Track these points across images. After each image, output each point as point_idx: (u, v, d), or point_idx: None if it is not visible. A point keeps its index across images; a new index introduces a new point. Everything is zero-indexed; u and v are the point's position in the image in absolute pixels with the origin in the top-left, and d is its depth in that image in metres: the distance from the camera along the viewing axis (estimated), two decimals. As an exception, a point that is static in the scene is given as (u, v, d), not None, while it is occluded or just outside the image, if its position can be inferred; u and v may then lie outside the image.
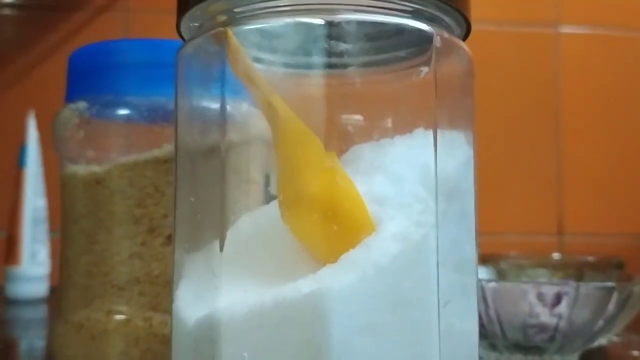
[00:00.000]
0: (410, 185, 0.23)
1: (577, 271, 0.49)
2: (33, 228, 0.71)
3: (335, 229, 0.22)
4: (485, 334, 0.40)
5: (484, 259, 0.50)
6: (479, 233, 0.24)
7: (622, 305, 0.39)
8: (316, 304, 0.20)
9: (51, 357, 0.34)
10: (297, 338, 0.20)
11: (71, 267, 0.34)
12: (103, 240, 0.33)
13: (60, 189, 0.35)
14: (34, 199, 0.72)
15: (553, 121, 0.91)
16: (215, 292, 0.22)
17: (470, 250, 0.24)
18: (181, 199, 0.24)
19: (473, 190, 0.24)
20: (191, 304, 0.23)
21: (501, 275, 0.49)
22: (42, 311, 0.65)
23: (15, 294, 0.68)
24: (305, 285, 0.21)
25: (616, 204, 0.91)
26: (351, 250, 0.21)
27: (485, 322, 0.39)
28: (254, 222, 0.24)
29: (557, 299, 0.39)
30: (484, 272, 0.42)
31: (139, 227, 0.32)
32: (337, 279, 0.21)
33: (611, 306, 0.38)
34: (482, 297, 0.39)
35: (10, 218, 0.70)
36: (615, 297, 0.38)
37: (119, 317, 0.32)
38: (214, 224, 0.22)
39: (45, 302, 0.67)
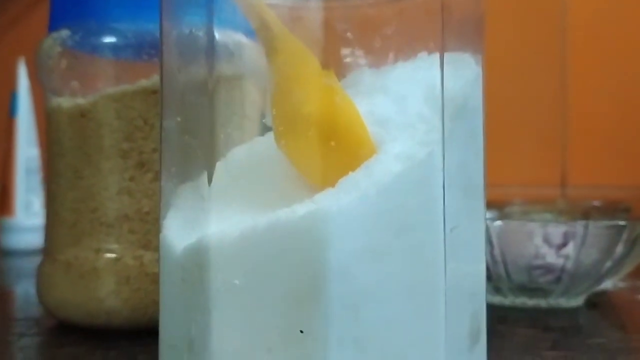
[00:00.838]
0: (415, 105, 0.21)
1: (583, 216, 0.48)
2: (26, 178, 0.69)
3: (333, 151, 0.21)
4: (489, 277, 0.39)
5: (488, 205, 0.49)
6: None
7: (631, 245, 0.37)
8: (313, 226, 0.19)
9: (39, 297, 0.33)
10: (292, 263, 0.19)
11: (58, 204, 0.32)
12: (90, 175, 0.31)
13: (45, 124, 0.33)
14: (27, 149, 0.70)
15: (559, 71, 0.89)
16: (205, 218, 0.20)
17: (479, 174, 0.22)
18: (168, 128, 0.23)
19: (482, 111, 0.23)
20: (179, 232, 0.21)
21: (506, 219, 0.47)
22: (37, 262, 0.64)
23: (9, 245, 0.66)
24: (301, 208, 0.19)
25: (621, 155, 0.89)
26: (350, 174, 0.20)
27: (489, 264, 0.38)
28: (248, 153, 0.22)
29: (564, 240, 0.37)
30: (488, 215, 0.40)
31: (127, 162, 0.31)
32: (335, 200, 0.19)
33: (620, 246, 0.37)
34: (487, 238, 0.38)
35: (2, 169, 0.69)
36: (624, 236, 0.37)
37: (108, 255, 0.31)
38: (203, 157, 0.21)
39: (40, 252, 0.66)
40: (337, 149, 0.21)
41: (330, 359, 0.18)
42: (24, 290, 0.46)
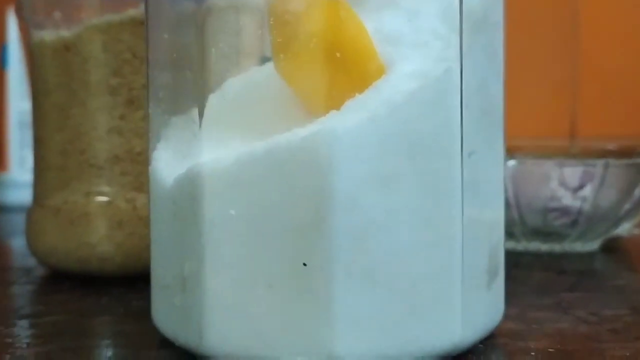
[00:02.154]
0: (429, 21, 0.19)
1: (600, 159, 0.45)
2: (20, 133, 0.67)
3: (338, 72, 0.18)
4: (501, 221, 0.37)
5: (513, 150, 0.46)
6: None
7: (651, 186, 0.35)
8: (316, 148, 0.17)
9: (29, 245, 0.31)
10: (294, 190, 0.17)
11: (44, 147, 0.30)
12: (77, 114, 0.29)
13: (29, 61, 0.31)
14: (19, 102, 0.68)
15: (570, 16, 0.86)
16: (197, 146, 0.18)
17: (499, 95, 0.20)
18: (155, 61, 0.21)
19: (502, 26, 0.20)
20: (170, 163, 0.20)
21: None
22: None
23: (4, 200, 0.65)
24: (303, 130, 0.17)
25: (634, 105, 0.86)
26: (358, 95, 0.18)
27: (501, 208, 0.36)
28: (245, 83, 0.20)
29: (582, 181, 0.35)
30: (513, 162, 0.38)
31: (116, 99, 0.29)
32: (341, 121, 0.17)
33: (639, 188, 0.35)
34: (499, 180, 0.36)
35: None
36: (645, 176, 0.35)
37: (99, 198, 0.29)
38: (194, 90, 0.18)
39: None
40: (341, 70, 0.19)
41: (335, 293, 0.17)
42: (18, 243, 0.45)
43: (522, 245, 0.37)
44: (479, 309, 0.19)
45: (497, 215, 0.20)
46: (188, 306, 0.19)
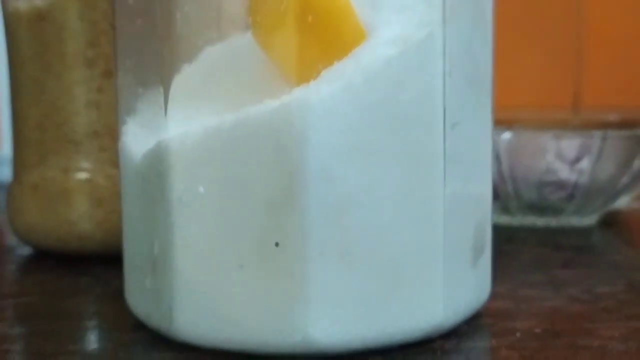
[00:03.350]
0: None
1: (600, 130, 0.44)
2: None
3: (314, 39, 0.17)
4: (496, 195, 0.36)
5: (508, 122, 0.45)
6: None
7: (651, 158, 0.34)
8: (287, 120, 0.16)
9: (10, 223, 0.30)
10: (265, 164, 0.16)
11: (21, 121, 0.29)
12: (53, 87, 0.28)
13: (4, 32, 0.30)
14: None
15: (571, -16, 0.83)
16: (165, 120, 0.17)
17: (486, 62, 0.19)
18: (123, 31, 0.19)
19: (490, -13, 0.19)
20: (140, 137, 0.19)
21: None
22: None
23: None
24: (274, 101, 0.16)
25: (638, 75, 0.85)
26: (336, 63, 0.17)
27: (496, 181, 0.35)
28: (223, 52, 0.19)
29: (579, 154, 0.34)
30: (507, 134, 0.37)
31: (93, 71, 0.28)
32: (315, 91, 0.16)
33: (638, 160, 0.34)
34: (494, 153, 0.35)
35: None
36: (644, 148, 0.34)
37: (78, 175, 0.28)
38: (163, 62, 0.17)
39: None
40: (318, 37, 0.17)
41: (310, 273, 0.16)
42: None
43: (517, 220, 0.36)
44: (463, 287, 0.18)
45: (483, 190, 0.19)
46: (158, 288, 0.18)
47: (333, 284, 0.16)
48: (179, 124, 0.17)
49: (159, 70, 0.17)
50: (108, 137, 0.28)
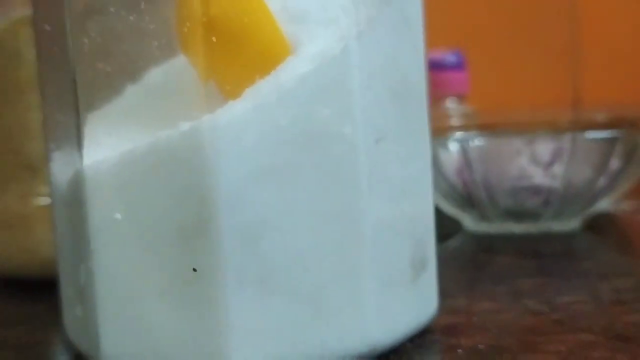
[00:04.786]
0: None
1: (570, 133, 0.43)
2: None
3: (241, 58, 0.17)
4: (472, 203, 0.35)
5: (478, 128, 0.44)
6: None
7: (627, 159, 0.34)
8: (196, 143, 0.15)
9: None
10: (177, 190, 0.16)
11: (-20, 149, 0.29)
12: (7, 113, 0.28)
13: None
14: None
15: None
16: (80, 148, 0.17)
17: (416, 72, 0.18)
18: (40, 54, 0.19)
19: (417, -4, 0.19)
20: (63, 165, 0.18)
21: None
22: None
23: None
24: (185, 124, 0.16)
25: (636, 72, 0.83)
26: (257, 81, 0.16)
27: (471, 188, 0.35)
28: (163, 70, 0.19)
29: (553, 158, 0.34)
30: (479, 140, 0.36)
31: (47, 96, 0.27)
32: (226, 112, 0.16)
33: (614, 161, 0.33)
34: (466, 160, 0.34)
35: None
36: (619, 149, 0.33)
37: (37, 200, 0.28)
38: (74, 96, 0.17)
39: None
40: (245, 57, 0.17)
41: (228, 301, 0.15)
42: None
43: (495, 227, 0.36)
44: (401, 306, 0.18)
45: (419, 205, 0.19)
46: (85, 317, 0.17)
47: (253, 311, 0.16)
48: (95, 151, 0.17)
49: (73, 98, 0.17)
50: (65, 161, 0.28)
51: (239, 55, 0.17)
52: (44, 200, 0.28)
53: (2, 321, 0.24)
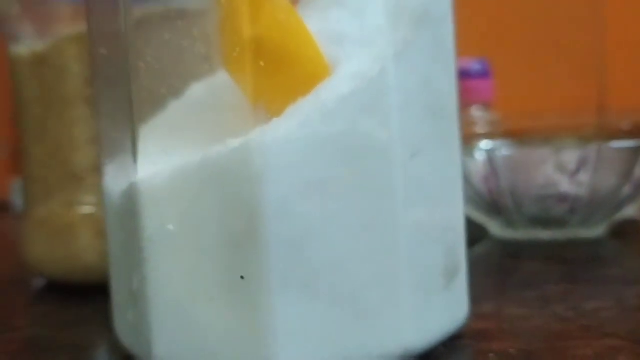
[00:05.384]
0: (374, 18, 0.18)
1: (596, 142, 0.44)
2: (38, 139, 0.69)
3: (285, 78, 0.18)
4: (498, 210, 0.36)
5: (505, 135, 0.45)
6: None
7: (652, 167, 0.34)
8: (245, 158, 0.16)
9: (22, 256, 0.32)
10: (227, 202, 0.17)
11: (27, 159, 0.31)
12: (55, 126, 0.29)
13: (10, 75, 0.31)
14: (35, 109, 0.69)
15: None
16: (135, 163, 0.18)
17: (448, 90, 0.19)
18: (96, 74, 0.20)
19: (450, 19, 0.20)
20: (117, 178, 0.19)
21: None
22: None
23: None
24: (235, 141, 0.17)
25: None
26: (299, 100, 0.17)
27: (497, 196, 0.35)
28: (206, 87, 0.20)
29: (578, 166, 0.34)
30: (506, 149, 0.37)
31: (92, 109, 0.29)
32: (273, 129, 0.17)
33: (639, 169, 0.34)
34: (492, 169, 0.35)
35: (12, 129, 0.68)
36: (644, 158, 0.33)
37: (82, 209, 0.29)
38: (128, 106, 0.18)
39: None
40: (286, 77, 0.18)
41: (274, 305, 0.17)
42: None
43: (522, 234, 0.36)
44: (435, 311, 0.19)
45: (451, 215, 0.20)
46: (138, 321, 0.19)
47: (298, 314, 0.17)
48: (149, 166, 0.18)
49: (128, 114, 0.18)
50: (108, 171, 0.29)
51: (283, 76, 0.18)
52: (88, 209, 0.29)
53: (52, 324, 0.26)
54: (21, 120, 0.31)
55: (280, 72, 0.18)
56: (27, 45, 0.30)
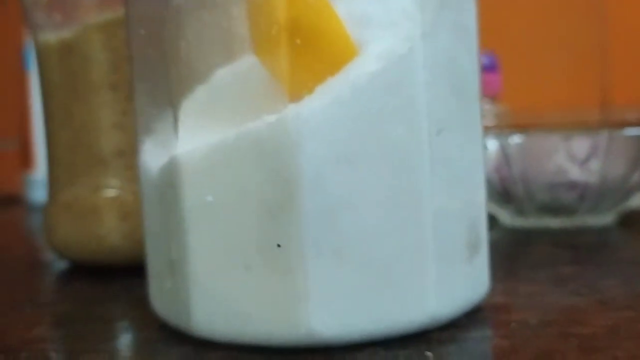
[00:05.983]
0: (400, 1, 0.19)
1: (606, 130, 0.45)
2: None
3: (309, 57, 0.19)
4: (509, 199, 0.37)
5: (515, 127, 0.46)
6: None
7: (660, 156, 0.35)
8: (282, 132, 0.17)
9: (47, 240, 0.32)
10: (264, 173, 0.18)
11: (53, 144, 0.32)
12: (81, 111, 0.30)
13: (37, 63, 0.32)
14: (46, 103, 0.70)
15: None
16: (175, 137, 0.19)
17: (472, 71, 0.20)
18: (134, 55, 0.21)
19: (472, 1, 0.21)
20: (155, 154, 0.20)
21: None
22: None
23: (33, 199, 0.67)
24: (270, 116, 0.18)
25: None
26: (329, 79, 0.18)
27: (508, 184, 0.36)
28: (232, 72, 0.21)
29: (589, 154, 0.35)
30: (518, 137, 0.38)
31: (117, 95, 0.30)
32: (306, 105, 0.18)
33: (648, 157, 0.35)
34: (505, 157, 0.36)
35: (20, 123, 0.69)
36: (653, 146, 0.34)
37: (107, 192, 0.30)
38: (169, 88, 0.19)
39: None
40: (313, 56, 0.19)
41: (308, 271, 0.17)
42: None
43: (532, 222, 0.37)
44: (458, 282, 0.20)
45: (474, 191, 0.21)
46: (176, 289, 0.19)
47: (330, 280, 0.18)
48: (188, 140, 0.19)
49: (168, 93, 0.19)
50: (133, 156, 0.30)
51: (315, 56, 0.19)
52: (113, 192, 0.30)
53: (81, 300, 0.26)
54: (47, 106, 0.32)
55: (313, 52, 0.19)
56: (54, 33, 0.30)
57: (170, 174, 0.19)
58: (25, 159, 0.68)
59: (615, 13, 0.82)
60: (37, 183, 0.67)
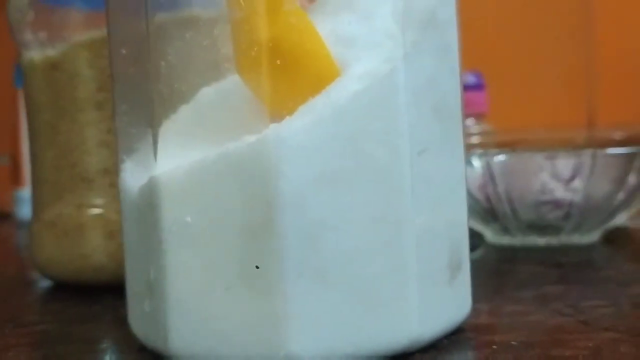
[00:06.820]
0: (382, 21, 0.19)
1: (590, 149, 0.45)
2: (37, 149, 0.69)
3: (291, 77, 0.19)
4: (495, 217, 0.37)
5: (499, 146, 0.46)
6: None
7: (645, 175, 0.35)
8: (261, 153, 0.17)
9: (32, 258, 0.32)
10: (243, 195, 0.18)
11: (38, 162, 0.31)
12: (66, 130, 0.30)
13: (23, 81, 0.32)
14: (35, 120, 0.70)
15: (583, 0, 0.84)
16: (154, 158, 0.19)
17: (453, 92, 0.20)
18: (115, 74, 0.21)
19: (455, 23, 0.21)
20: (136, 173, 0.20)
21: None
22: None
23: (22, 216, 0.67)
24: (251, 137, 0.18)
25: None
26: (310, 99, 0.18)
27: (494, 203, 0.36)
28: (216, 91, 0.21)
29: (573, 173, 0.35)
30: (503, 156, 0.38)
31: (102, 113, 0.30)
32: (287, 126, 0.18)
33: (632, 176, 0.35)
34: (490, 175, 0.36)
35: (11, 140, 0.69)
36: (637, 165, 0.35)
37: (91, 210, 0.30)
38: (150, 108, 0.19)
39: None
40: (297, 78, 0.19)
41: (288, 293, 0.17)
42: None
43: (518, 240, 0.37)
44: (440, 304, 0.20)
45: (456, 211, 0.21)
46: (154, 310, 0.19)
47: (311, 303, 0.17)
48: (168, 160, 0.19)
49: (149, 113, 0.19)
50: (117, 174, 0.30)
51: (296, 76, 0.19)
52: (97, 211, 0.30)
53: (62, 319, 0.26)
54: (32, 124, 0.32)
55: (294, 72, 0.19)
56: (40, 51, 0.30)
57: (150, 194, 0.19)
58: (15, 175, 0.68)
59: (602, 33, 0.83)
60: (28, 200, 0.66)
